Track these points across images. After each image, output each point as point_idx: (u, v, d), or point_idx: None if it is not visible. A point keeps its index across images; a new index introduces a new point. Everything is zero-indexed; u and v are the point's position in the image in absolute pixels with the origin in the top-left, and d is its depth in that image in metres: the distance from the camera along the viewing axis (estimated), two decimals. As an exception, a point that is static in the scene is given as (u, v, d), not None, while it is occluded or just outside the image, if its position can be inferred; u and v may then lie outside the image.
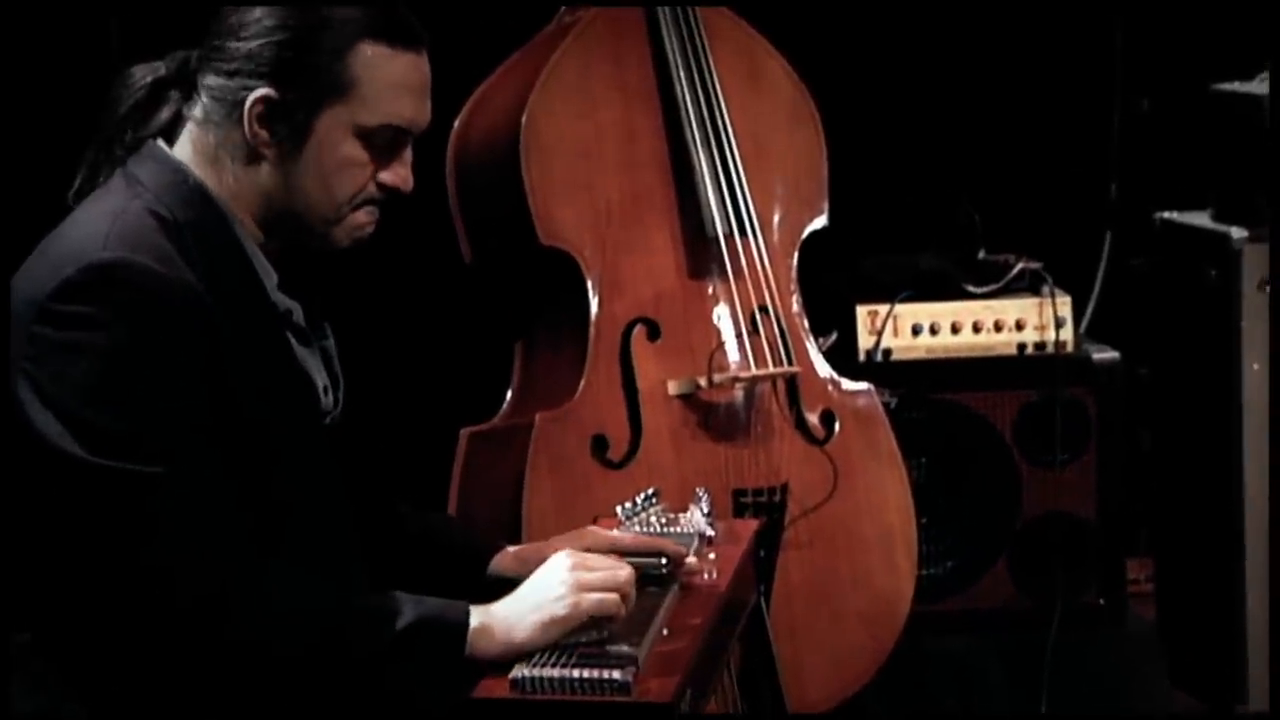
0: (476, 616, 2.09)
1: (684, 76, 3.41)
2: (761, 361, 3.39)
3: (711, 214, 3.39)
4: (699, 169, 3.40)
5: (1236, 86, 3.73)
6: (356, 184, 2.19)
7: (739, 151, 3.42)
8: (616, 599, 2.11)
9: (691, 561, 2.38)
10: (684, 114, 3.40)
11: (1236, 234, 3.63)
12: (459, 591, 2.32)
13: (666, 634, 2.18)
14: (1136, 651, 3.88)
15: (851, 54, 4.15)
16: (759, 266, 3.41)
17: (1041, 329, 3.89)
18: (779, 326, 3.42)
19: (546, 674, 2.02)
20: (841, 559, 3.41)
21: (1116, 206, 4.24)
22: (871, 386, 3.52)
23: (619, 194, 3.38)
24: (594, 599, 2.10)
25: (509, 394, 3.45)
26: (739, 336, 3.39)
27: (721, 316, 3.41)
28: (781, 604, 3.26)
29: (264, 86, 2.15)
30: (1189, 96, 3.94)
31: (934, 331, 3.88)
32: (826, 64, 3.66)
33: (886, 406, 3.54)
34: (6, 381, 2.04)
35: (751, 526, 2.68)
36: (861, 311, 3.87)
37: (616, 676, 2.01)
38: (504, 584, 2.24)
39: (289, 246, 2.24)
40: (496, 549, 2.43)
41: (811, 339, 3.50)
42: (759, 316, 3.41)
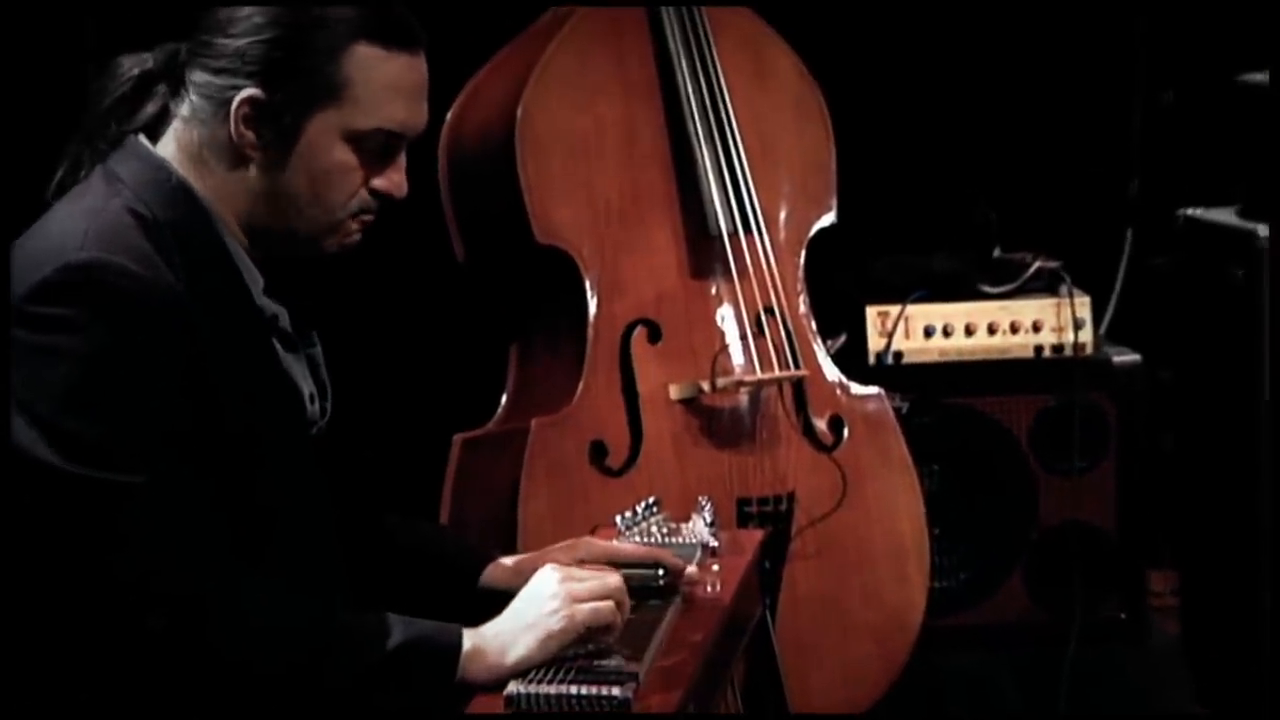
0: (468, 639, 2.10)
1: (687, 69, 3.42)
2: (767, 365, 3.40)
3: (715, 211, 3.41)
4: (702, 165, 3.41)
5: (1264, 77, 3.73)
6: (347, 190, 2.20)
7: (744, 146, 3.43)
8: (611, 606, 2.12)
9: (694, 573, 2.39)
10: (686, 108, 3.42)
11: (1263, 231, 3.64)
12: (451, 605, 2.33)
13: (667, 649, 2.19)
14: (1159, 668, 3.89)
15: (862, 46, 4.16)
16: (764, 266, 3.43)
17: (1059, 330, 3.90)
18: (785, 328, 3.43)
19: (543, 691, 2.02)
20: (850, 571, 3.42)
21: (1138, 203, 4.25)
22: (882, 391, 3.54)
23: (619, 191, 3.39)
24: (588, 609, 2.11)
25: (504, 399, 3.46)
26: (743, 339, 3.40)
27: (725, 318, 3.42)
28: (788, 618, 3.27)
29: (252, 87, 2.15)
30: (1214, 88, 3.95)
31: (947, 333, 3.89)
32: (836, 57, 3.67)
33: (897, 412, 3.55)
34: None
35: (756, 537, 2.69)
36: (871, 313, 3.88)
37: (616, 693, 2.02)
38: (497, 597, 2.24)
39: (275, 252, 2.25)
40: (489, 560, 2.43)
41: (819, 341, 3.51)
42: (764, 318, 3.42)
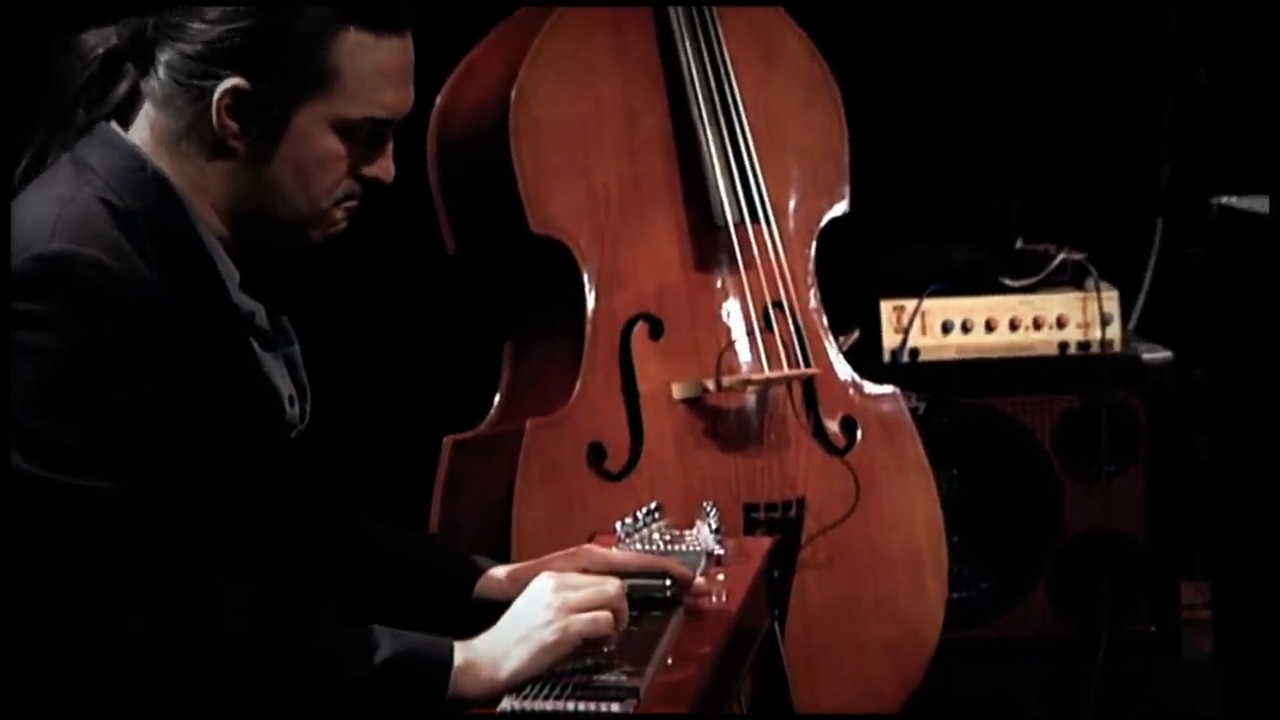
0: (460, 653, 2.09)
1: (691, 49, 3.42)
2: (775, 362, 3.40)
3: (720, 200, 3.41)
4: (707, 151, 3.41)
5: (1304, 57, 3.74)
6: (335, 178, 2.20)
7: (751, 131, 3.43)
8: (608, 616, 2.12)
9: (698, 583, 2.39)
10: (690, 91, 3.42)
11: (1302, 220, 3.64)
12: (443, 617, 2.33)
13: (670, 663, 2.19)
14: (1191, 685, 3.89)
15: (876, 25, 4.16)
16: (773, 258, 3.43)
17: (1085, 326, 3.90)
18: (795, 324, 3.43)
19: (538, 707, 2.02)
20: (864, 581, 3.42)
21: (1169, 190, 4.25)
22: (897, 390, 3.53)
23: (618, 178, 3.39)
24: (584, 619, 2.11)
25: (497, 398, 3.46)
26: (750, 335, 3.40)
27: (731, 313, 3.42)
28: (798, 630, 3.27)
29: (234, 76, 2.14)
30: (1251, 69, 3.95)
31: (966, 329, 3.89)
32: (849, 37, 3.67)
33: (914, 412, 3.55)
34: None
35: (764, 544, 2.69)
36: (886, 307, 3.88)
37: (615, 710, 2.02)
38: (491, 608, 2.24)
39: (257, 243, 2.25)
40: (482, 570, 2.43)
41: (831, 338, 3.51)
42: (773, 313, 3.42)
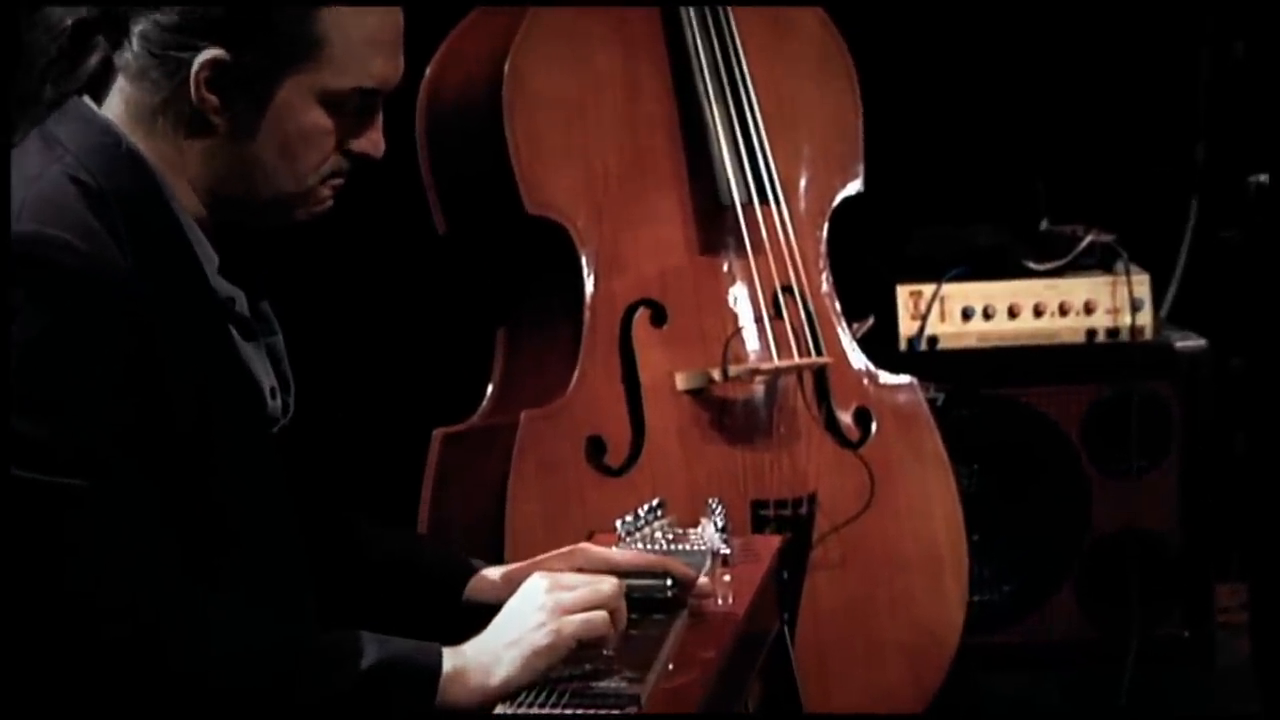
0: (448, 659, 2.09)
1: (695, 19, 3.42)
2: (785, 351, 3.41)
3: (727, 179, 3.41)
4: (712, 127, 3.41)
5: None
6: (321, 155, 2.20)
7: (759, 106, 3.43)
8: (604, 616, 2.12)
9: (702, 584, 2.39)
10: (695, 63, 3.42)
11: (1346, 200, 3.65)
12: (432, 621, 2.33)
13: (673, 668, 2.18)
14: (1227, 692, 3.89)
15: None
16: (782, 240, 3.43)
17: (1115, 312, 3.91)
18: (806, 310, 3.43)
19: (533, 714, 2.04)
20: (879, 582, 3.42)
21: (1204, 169, 4.24)
22: (914, 380, 3.53)
23: (619, 156, 3.39)
24: (578, 621, 2.10)
25: (489, 389, 3.46)
26: (759, 322, 3.41)
27: (738, 298, 3.42)
28: (808, 634, 3.27)
29: (213, 47, 2.13)
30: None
31: (988, 315, 3.90)
32: (865, 8, 3.67)
33: (932, 404, 3.56)
34: None
35: (774, 543, 2.69)
36: (903, 292, 3.89)
37: (615, 717, 2.03)
38: (482, 611, 2.24)
39: (237, 223, 2.25)
40: (474, 571, 2.42)
41: (844, 325, 3.51)
42: (782, 298, 3.42)
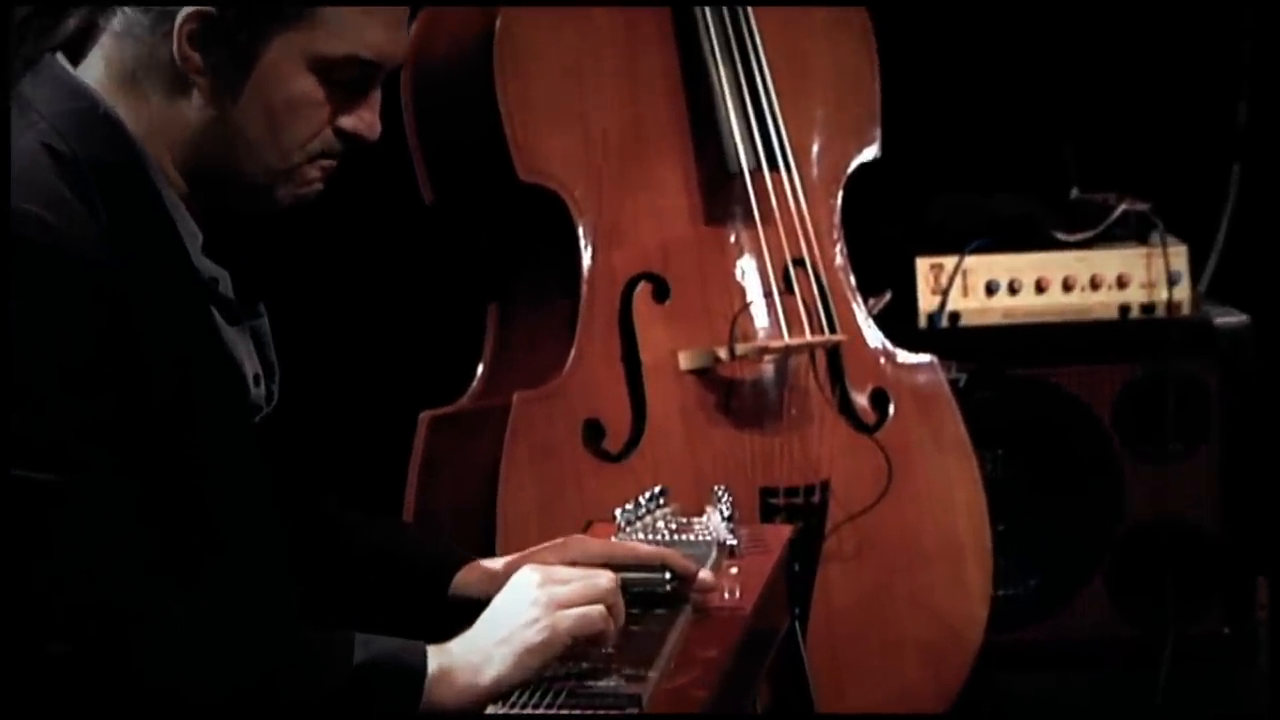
0: (434, 659, 2.09)
1: (700, -28, 3.43)
2: (796, 328, 3.40)
3: (734, 144, 3.40)
4: (719, 89, 3.41)
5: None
6: (310, 129, 2.19)
7: (769, 67, 3.42)
8: (600, 612, 2.12)
9: (707, 577, 2.39)
10: (701, 21, 3.40)
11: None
12: (418, 617, 2.34)
13: (676, 668, 2.18)
14: (1269, 692, 3.90)
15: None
16: (793, 209, 3.42)
17: (1150, 286, 3.90)
18: (818, 284, 3.43)
19: (527, 715, 2.03)
20: (896, 575, 3.42)
21: (1246, 132, 4.24)
22: (935, 359, 3.53)
23: (618, 119, 3.39)
24: (573, 616, 2.10)
25: (480, 369, 3.46)
26: (768, 297, 3.40)
27: (746, 272, 3.42)
28: (821, 631, 3.27)
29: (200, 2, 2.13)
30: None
31: (1014, 290, 3.89)
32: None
33: (953, 384, 3.55)
34: None
35: (784, 534, 2.68)
36: (923, 265, 3.88)
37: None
38: (470, 606, 2.25)
39: (218, 202, 2.24)
40: (463, 563, 2.43)
41: (859, 300, 3.51)
42: (793, 272, 3.42)
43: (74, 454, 2.02)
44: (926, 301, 3.87)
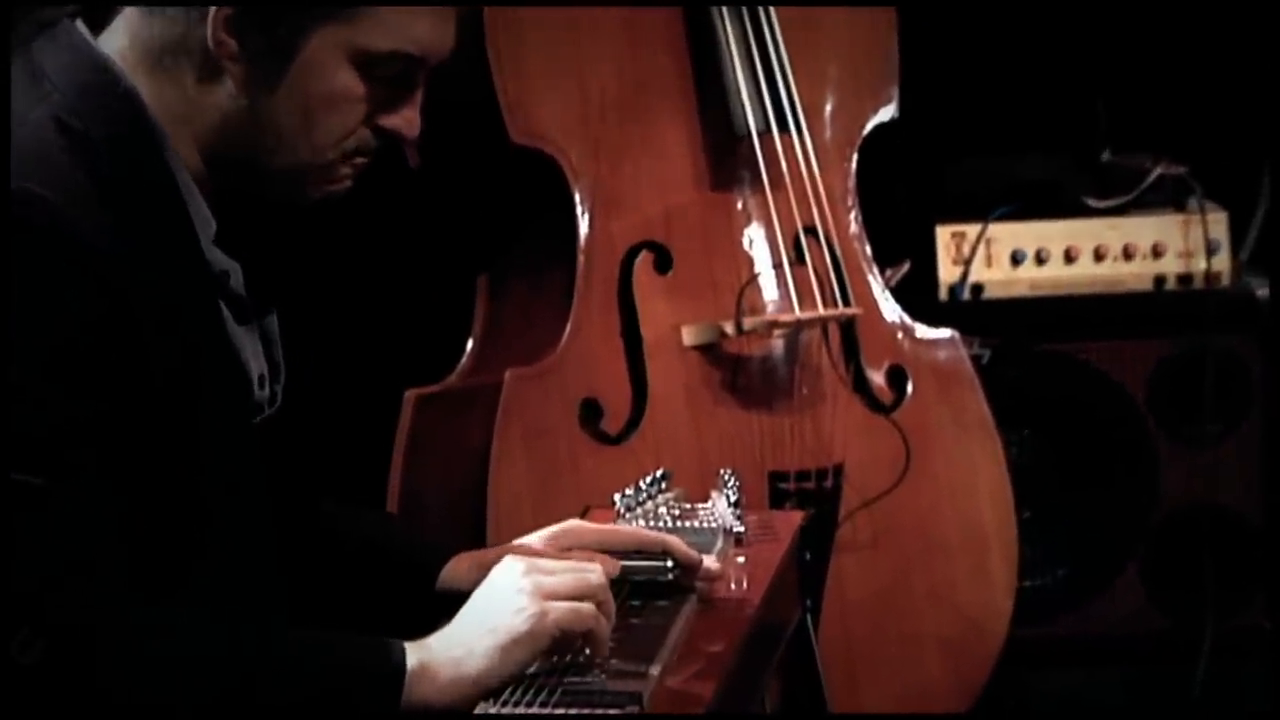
0: (413, 656, 2.08)
1: (705, -79, 3.42)
2: (808, 301, 3.40)
3: (741, 104, 3.40)
4: (725, 46, 3.40)
5: None
6: (346, 125, 2.19)
7: (779, 22, 3.42)
8: (590, 609, 2.12)
9: (712, 566, 2.39)
10: (705, -28, 3.42)
11: None
12: (403, 611, 2.33)
13: (680, 662, 2.17)
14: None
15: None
16: (804, 174, 3.41)
17: (1187, 256, 3.90)
18: (831, 254, 3.42)
19: (520, 714, 2.03)
20: (915, 565, 3.43)
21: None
22: (956, 334, 3.53)
23: (617, 79, 3.38)
24: (563, 608, 2.09)
25: (469, 344, 3.46)
26: (777, 267, 3.40)
27: (754, 241, 3.42)
28: (835, 624, 3.26)
29: None
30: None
31: (1041, 260, 3.88)
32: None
33: (975, 360, 3.55)
34: None
35: (795, 521, 2.68)
36: (943, 234, 3.87)
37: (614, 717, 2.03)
38: (459, 599, 2.25)
39: (238, 192, 2.24)
40: (450, 554, 2.43)
41: (875, 271, 3.51)
42: (804, 240, 3.41)
43: (67, 460, 2.02)
44: (947, 272, 3.87)
